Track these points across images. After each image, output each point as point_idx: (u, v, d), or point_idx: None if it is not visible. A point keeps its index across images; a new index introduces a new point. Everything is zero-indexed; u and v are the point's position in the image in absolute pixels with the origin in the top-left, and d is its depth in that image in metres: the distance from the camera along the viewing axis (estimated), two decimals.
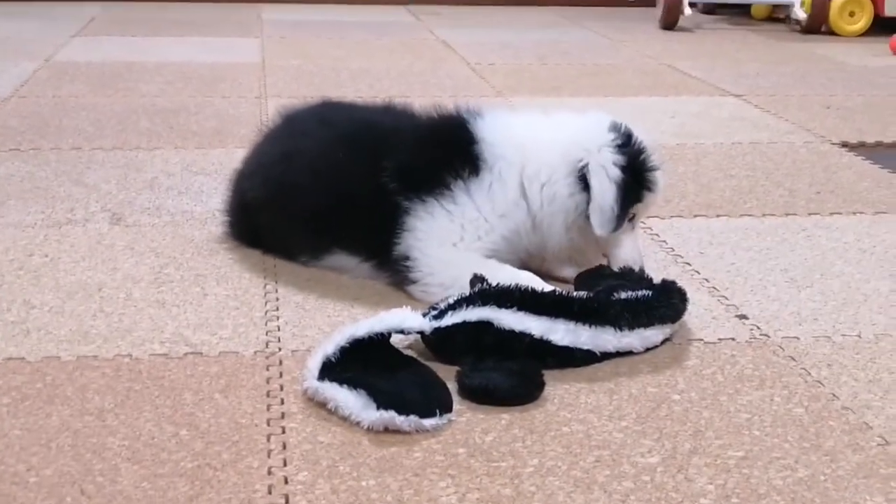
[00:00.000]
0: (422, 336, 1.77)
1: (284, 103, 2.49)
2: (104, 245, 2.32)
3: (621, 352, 1.81)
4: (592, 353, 1.78)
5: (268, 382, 1.71)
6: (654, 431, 1.58)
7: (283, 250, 2.22)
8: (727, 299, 2.10)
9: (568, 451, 1.52)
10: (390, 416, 1.54)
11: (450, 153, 2.05)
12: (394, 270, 2.06)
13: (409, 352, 1.78)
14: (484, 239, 2.03)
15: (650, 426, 1.60)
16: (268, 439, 1.54)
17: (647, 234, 2.45)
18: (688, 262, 2.29)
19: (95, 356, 1.79)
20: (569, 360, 1.76)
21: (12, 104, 3.69)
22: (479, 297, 1.77)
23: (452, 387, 1.66)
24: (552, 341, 1.75)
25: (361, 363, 1.62)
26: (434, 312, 1.77)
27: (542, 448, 1.53)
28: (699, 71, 4.63)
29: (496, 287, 1.81)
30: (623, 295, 1.85)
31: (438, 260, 2.01)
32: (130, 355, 1.80)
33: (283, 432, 1.56)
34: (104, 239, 2.35)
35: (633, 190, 2.03)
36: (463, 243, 2.02)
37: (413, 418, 1.54)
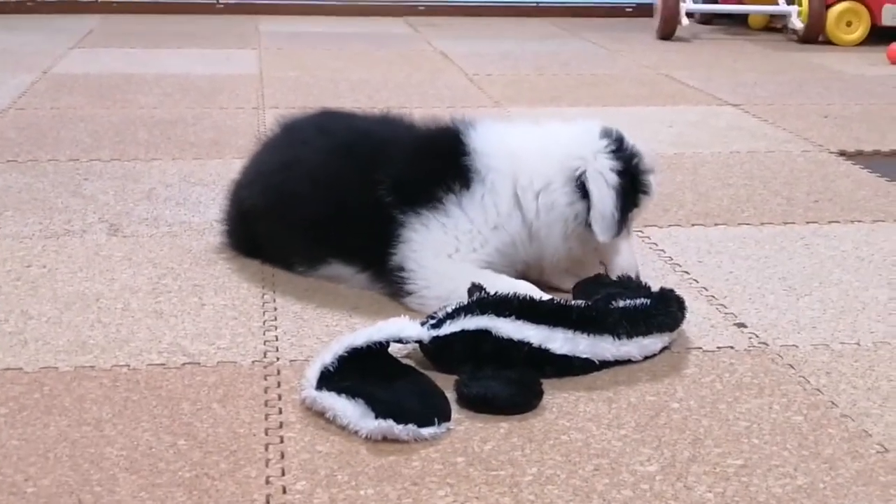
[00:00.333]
0: (420, 345, 1.76)
1: (282, 114, 2.49)
2: (102, 256, 2.31)
3: (620, 360, 1.80)
4: (591, 362, 1.78)
5: (266, 392, 1.71)
6: (653, 440, 1.58)
7: (281, 260, 2.22)
8: (725, 308, 2.10)
9: (567, 460, 1.52)
10: (389, 426, 1.53)
11: (443, 165, 2.05)
12: (390, 281, 2.06)
13: (407, 361, 1.78)
14: (479, 251, 2.03)
15: (649, 434, 1.59)
16: (266, 449, 1.53)
17: (646, 243, 2.45)
18: (686, 271, 2.29)
19: (93, 366, 1.79)
20: (567, 368, 1.76)
21: (10, 116, 3.69)
22: (478, 306, 1.77)
23: (451, 396, 1.66)
24: (551, 350, 1.74)
25: (360, 372, 1.62)
26: (432, 321, 1.77)
27: (540, 457, 1.52)
28: (697, 80, 4.64)
29: (494, 296, 1.80)
30: (621, 303, 1.85)
31: (434, 272, 2.00)
32: (128, 365, 1.79)
33: (282, 442, 1.55)
34: (102, 249, 2.35)
35: (630, 194, 2.04)
36: (458, 255, 2.02)
37: (411, 427, 1.54)
